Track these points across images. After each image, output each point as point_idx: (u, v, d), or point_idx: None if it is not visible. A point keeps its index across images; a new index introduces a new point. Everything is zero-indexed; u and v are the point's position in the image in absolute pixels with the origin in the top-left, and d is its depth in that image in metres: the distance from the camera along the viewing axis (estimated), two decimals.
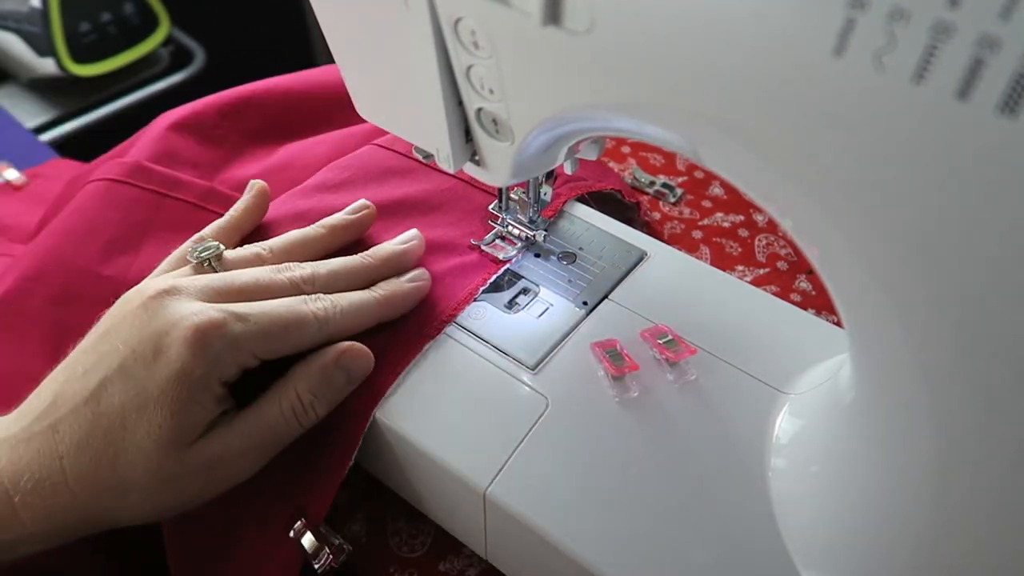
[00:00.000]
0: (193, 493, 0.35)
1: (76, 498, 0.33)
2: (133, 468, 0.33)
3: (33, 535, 0.33)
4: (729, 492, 0.34)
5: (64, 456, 0.33)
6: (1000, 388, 0.22)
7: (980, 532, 0.25)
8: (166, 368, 0.33)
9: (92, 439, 0.33)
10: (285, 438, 0.36)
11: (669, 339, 0.38)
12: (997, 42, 0.16)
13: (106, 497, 0.33)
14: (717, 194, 0.58)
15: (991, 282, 0.20)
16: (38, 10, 0.93)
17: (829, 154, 0.21)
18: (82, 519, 0.34)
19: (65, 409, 0.33)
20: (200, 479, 0.34)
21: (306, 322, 0.36)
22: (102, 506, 0.34)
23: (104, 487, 0.33)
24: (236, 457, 0.35)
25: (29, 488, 0.33)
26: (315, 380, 0.35)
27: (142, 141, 0.52)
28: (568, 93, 0.27)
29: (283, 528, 0.36)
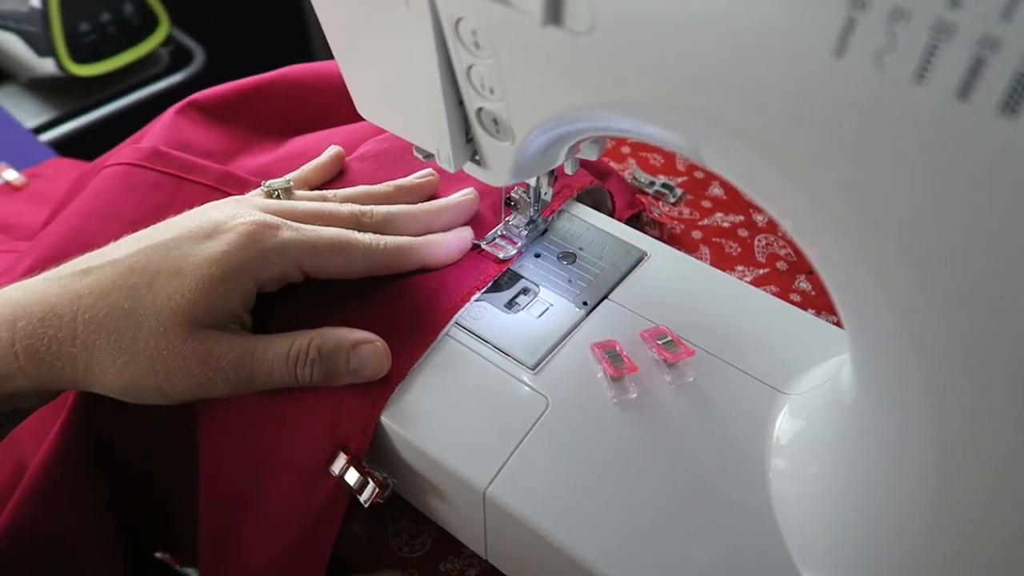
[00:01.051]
0: (171, 384, 0.35)
1: (75, 340, 0.34)
2: (140, 327, 0.34)
3: (21, 370, 0.34)
4: (729, 492, 0.34)
5: (83, 296, 0.34)
6: (1000, 388, 0.22)
7: (979, 532, 0.25)
8: (213, 248, 0.35)
9: (116, 289, 0.34)
10: (276, 376, 0.36)
11: (668, 340, 0.38)
12: (998, 42, 0.16)
13: (102, 350, 0.34)
14: (717, 194, 0.58)
15: (991, 282, 0.20)
16: (38, 10, 0.93)
17: (829, 154, 0.21)
18: (69, 367, 0.34)
19: (103, 260, 0.35)
20: (184, 372, 0.34)
21: (353, 247, 0.38)
22: (93, 359, 0.34)
23: (106, 338, 0.34)
24: (228, 366, 0.35)
25: (36, 318, 0.34)
26: (329, 346, 0.36)
27: (154, 130, 0.52)
28: (568, 93, 0.27)
29: (324, 464, 0.36)
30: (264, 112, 0.55)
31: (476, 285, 0.42)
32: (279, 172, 0.47)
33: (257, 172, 0.48)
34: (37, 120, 0.97)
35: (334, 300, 0.40)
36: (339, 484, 0.36)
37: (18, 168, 0.69)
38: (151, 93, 1.04)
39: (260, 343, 0.36)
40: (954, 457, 0.25)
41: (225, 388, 0.35)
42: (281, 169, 0.48)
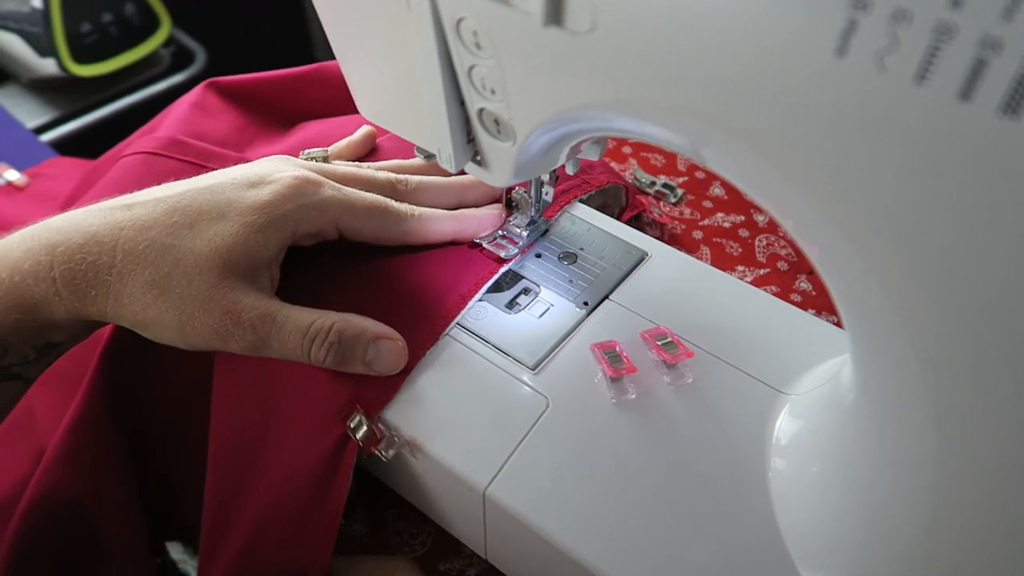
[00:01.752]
0: (192, 326, 0.35)
1: (111, 269, 0.35)
2: (176, 264, 0.35)
3: (57, 295, 0.35)
4: (729, 492, 0.34)
5: (125, 228, 0.35)
6: (1001, 389, 0.22)
7: (980, 533, 0.25)
8: (256, 195, 0.36)
9: (158, 225, 0.35)
10: (289, 348, 0.36)
11: (668, 341, 0.38)
12: (999, 43, 0.16)
13: (135, 281, 0.35)
14: (718, 194, 0.58)
15: (993, 282, 0.20)
16: (39, 10, 0.93)
17: (830, 155, 0.21)
18: (101, 295, 0.35)
19: (147, 198, 0.36)
20: (207, 316, 0.35)
21: (388, 212, 0.40)
22: (125, 288, 0.35)
23: (141, 269, 0.35)
24: (247, 324, 0.35)
25: (76, 244, 0.35)
26: (351, 332, 0.36)
27: (170, 120, 0.53)
28: (569, 93, 0.27)
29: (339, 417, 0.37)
30: (277, 103, 0.56)
31: (477, 285, 0.42)
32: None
33: None
34: (38, 120, 0.97)
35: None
36: (348, 433, 0.36)
37: (19, 169, 0.69)
38: (152, 93, 1.04)
39: (284, 309, 0.36)
40: (953, 457, 0.25)
41: (240, 344, 0.36)
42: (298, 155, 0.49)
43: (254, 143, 0.53)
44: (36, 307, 0.35)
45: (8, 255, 0.35)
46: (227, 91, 0.55)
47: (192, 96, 0.55)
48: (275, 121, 0.55)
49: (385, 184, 0.41)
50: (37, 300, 0.35)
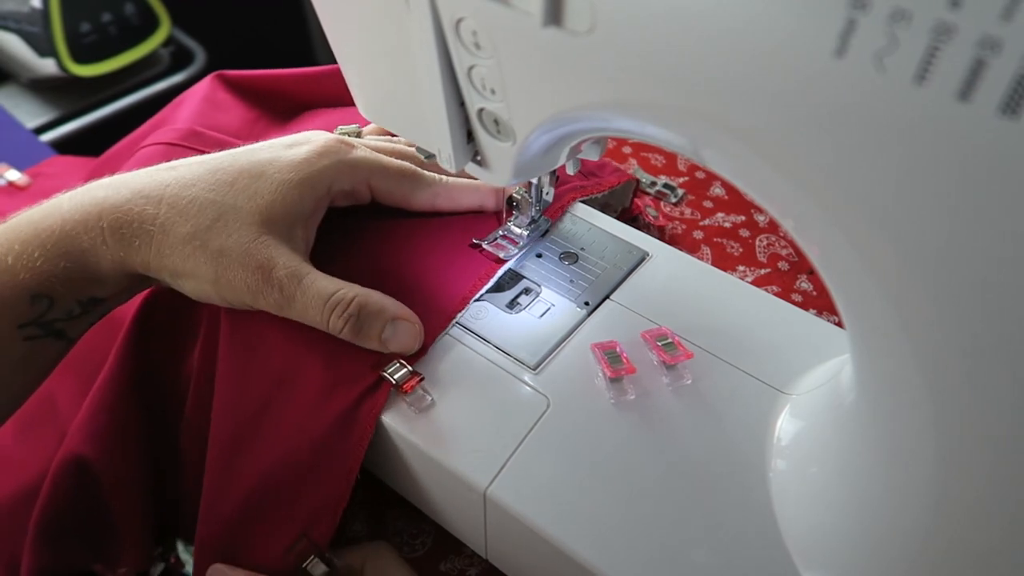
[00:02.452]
0: (227, 279, 0.37)
1: (156, 219, 0.36)
2: (217, 218, 0.37)
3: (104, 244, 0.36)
4: (730, 492, 0.34)
5: (170, 185, 0.37)
6: (1001, 389, 0.22)
7: (980, 533, 0.25)
8: (293, 154, 0.39)
9: (200, 182, 0.37)
10: (310, 314, 0.37)
11: (668, 342, 0.38)
12: (998, 43, 0.16)
13: (177, 232, 0.36)
14: (718, 194, 0.58)
15: (992, 283, 0.20)
16: (39, 10, 0.93)
17: (830, 155, 0.21)
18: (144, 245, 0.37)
19: (191, 160, 0.39)
20: (242, 270, 0.36)
21: (419, 177, 0.42)
22: (167, 238, 0.37)
23: (184, 221, 0.36)
24: (276, 283, 0.37)
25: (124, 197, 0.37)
26: (370, 307, 0.37)
27: (185, 113, 0.54)
28: (569, 93, 0.27)
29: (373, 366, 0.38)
30: (285, 97, 0.56)
31: (477, 285, 0.42)
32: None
33: None
34: (38, 120, 0.97)
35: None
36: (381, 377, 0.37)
37: (19, 169, 0.68)
38: (152, 93, 1.04)
39: (312, 273, 0.38)
40: (954, 457, 0.25)
41: (267, 301, 0.37)
42: None
43: (266, 136, 0.54)
44: (84, 256, 0.36)
45: (58, 207, 0.37)
46: (236, 85, 0.56)
47: (202, 89, 0.56)
48: (284, 115, 0.56)
49: (415, 156, 0.43)
50: (85, 249, 0.36)
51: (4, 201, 0.64)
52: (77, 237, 0.36)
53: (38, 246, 0.36)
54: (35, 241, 0.36)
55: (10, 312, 0.35)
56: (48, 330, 0.37)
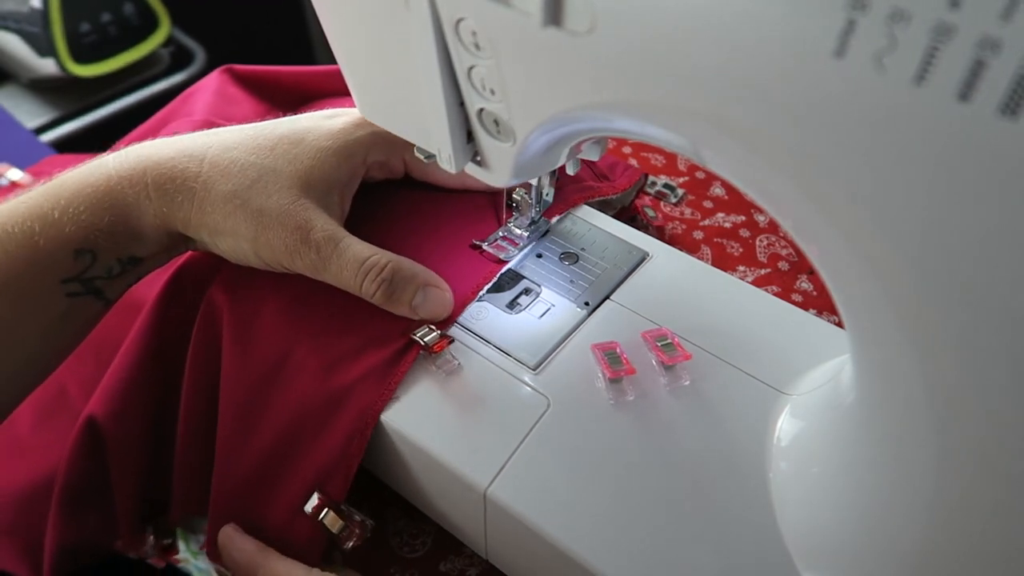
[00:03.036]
0: (265, 238, 0.38)
1: (199, 176, 0.38)
2: (257, 179, 0.38)
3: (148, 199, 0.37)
4: (730, 492, 0.34)
5: (212, 146, 0.39)
6: (1002, 390, 0.22)
7: (980, 534, 0.25)
8: (331, 124, 0.40)
9: (241, 146, 0.39)
10: (344, 277, 0.38)
11: (667, 342, 0.38)
12: (998, 43, 0.16)
13: (218, 190, 0.37)
14: (718, 194, 0.58)
15: (992, 283, 0.20)
16: (39, 10, 0.93)
17: (830, 155, 0.21)
18: (186, 200, 0.38)
19: (233, 128, 0.40)
20: (281, 230, 0.37)
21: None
22: (208, 195, 0.38)
23: (225, 180, 0.38)
24: (313, 244, 0.38)
25: (168, 156, 0.38)
26: (403, 273, 0.38)
27: (200, 105, 0.55)
28: (569, 94, 0.27)
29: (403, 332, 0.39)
30: (293, 92, 0.57)
31: (477, 286, 0.42)
32: None
33: None
34: (38, 120, 0.97)
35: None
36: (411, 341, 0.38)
37: (20, 169, 0.68)
38: (152, 93, 1.04)
39: (348, 238, 0.39)
40: (954, 458, 0.25)
41: (304, 263, 0.38)
42: None
43: None
44: (127, 210, 0.37)
45: (104, 165, 0.38)
46: (245, 79, 0.57)
47: (213, 83, 0.57)
48: (292, 109, 0.57)
49: None
50: (129, 203, 0.37)
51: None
52: (122, 192, 0.37)
53: (84, 200, 0.37)
54: (81, 196, 0.37)
55: (54, 266, 0.36)
56: (89, 287, 0.38)
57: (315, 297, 0.40)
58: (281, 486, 0.38)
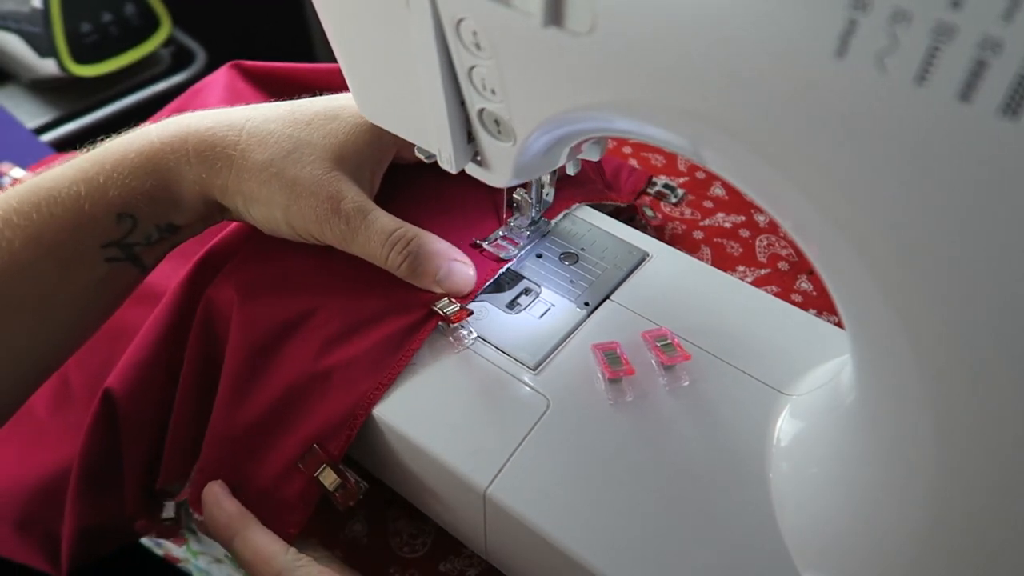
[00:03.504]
0: (298, 207, 0.39)
1: (238, 144, 0.39)
2: (292, 150, 0.39)
3: (188, 164, 0.39)
4: (729, 493, 0.34)
5: (251, 119, 0.40)
6: (1001, 390, 0.22)
7: (980, 534, 0.25)
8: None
9: (279, 119, 0.40)
10: (371, 248, 0.39)
11: (667, 343, 0.38)
12: (999, 44, 0.16)
13: (254, 158, 0.39)
14: (718, 195, 0.58)
15: (993, 283, 0.20)
16: (39, 11, 0.93)
17: (830, 156, 0.21)
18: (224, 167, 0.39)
19: (270, 104, 0.41)
20: (313, 199, 0.38)
21: None
22: (246, 163, 0.39)
23: (262, 150, 0.39)
24: (343, 211, 0.38)
25: (208, 123, 0.39)
26: (428, 247, 0.39)
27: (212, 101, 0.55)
28: (569, 94, 0.27)
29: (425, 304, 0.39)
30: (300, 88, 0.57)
31: (477, 285, 0.42)
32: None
33: None
34: (38, 120, 0.97)
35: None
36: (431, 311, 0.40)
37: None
38: (152, 93, 1.04)
39: (377, 210, 0.40)
40: (954, 458, 0.25)
41: (333, 233, 0.39)
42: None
43: None
44: (169, 175, 0.38)
45: (147, 134, 0.39)
46: (252, 75, 0.58)
47: (222, 79, 0.57)
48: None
49: None
50: (171, 167, 0.38)
51: None
52: (164, 157, 0.38)
53: (128, 165, 0.38)
54: (125, 161, 0.38)
55: (97, 230, 0.37)
56: (128, 253, 0.39)
57: (339, 265, 0.41)
58: (279, 440, 0.38)
